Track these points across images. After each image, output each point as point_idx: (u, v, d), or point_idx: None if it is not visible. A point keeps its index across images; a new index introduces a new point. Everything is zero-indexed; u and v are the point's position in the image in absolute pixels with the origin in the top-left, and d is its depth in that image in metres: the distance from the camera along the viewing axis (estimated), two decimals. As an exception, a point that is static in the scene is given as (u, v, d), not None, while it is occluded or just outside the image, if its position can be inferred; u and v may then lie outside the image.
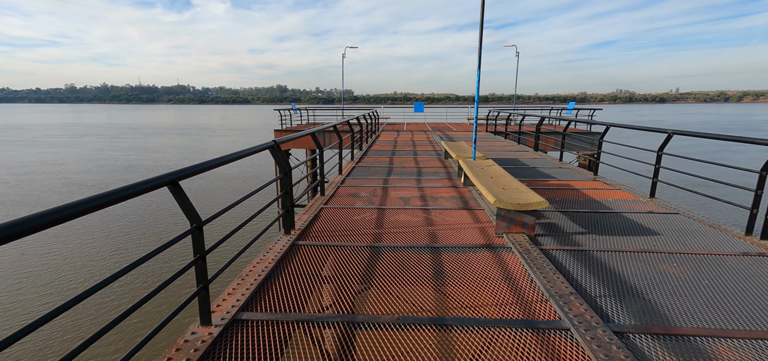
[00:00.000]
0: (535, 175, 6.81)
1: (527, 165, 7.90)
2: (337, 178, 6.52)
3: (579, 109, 18.07)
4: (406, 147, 10.83)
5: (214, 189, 19.67)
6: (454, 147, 7.66)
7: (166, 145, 40.48)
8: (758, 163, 4.36)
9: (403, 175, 6.86)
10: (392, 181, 6.35)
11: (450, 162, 8.31)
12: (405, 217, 4.39)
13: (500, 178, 4.69)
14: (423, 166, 7.71)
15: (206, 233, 12.80)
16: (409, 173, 7.00)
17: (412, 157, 8.98)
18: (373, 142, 12.20)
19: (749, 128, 59.67)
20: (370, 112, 15.01)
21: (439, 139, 13.06)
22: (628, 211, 4.60)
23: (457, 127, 18.55)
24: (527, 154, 9.39)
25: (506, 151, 10.06)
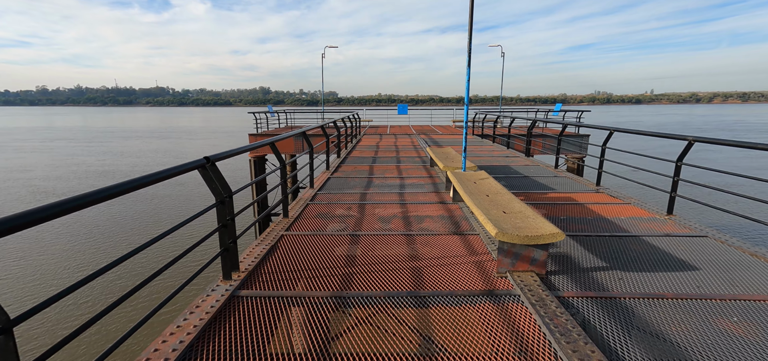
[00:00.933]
0: (531, 186, 6.08)
1: (520, 173, 7.19)
2: (308, 193, 5.64)
3: (566, 110, 17.64)
4: (389, 153, 10.02)
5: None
6: (441, 155, 6.88)
7: (144, 149, 38.60)
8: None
9: (384, 188, 6.03)
10: (371, 195, 5.52)
11: (436, 171, 7.53)
12: (384, 248, 3.56)
13: (497, 196, 3.91)
14: (407, 177, 6.91)
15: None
16: (390, 186, 6.17)
17: (394, 165, 8.17)
18: (353, 147, 11.34)
19: (723, 128, 61.27)
20: (351, 114, 14.15)
21: (424, 143, 12.30)
22: (648, 233, 3.89)
23: (442, 130, 17.86)
24: (518, 161, 8.70)
25: (496, 157, 9.36)
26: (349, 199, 5.33)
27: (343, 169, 7.63)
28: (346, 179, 6.69)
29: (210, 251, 11.59)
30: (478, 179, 4.73)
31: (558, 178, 6.77)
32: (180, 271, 10.19)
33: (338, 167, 7.86)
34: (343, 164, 8.26)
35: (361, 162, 8.57)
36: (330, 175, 7.05)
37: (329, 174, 7.11)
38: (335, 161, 8.56)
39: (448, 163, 5.88)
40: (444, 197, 5.45)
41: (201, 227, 12.25)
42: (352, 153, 10.03)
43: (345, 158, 9.09)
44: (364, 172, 7.31)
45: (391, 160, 8.90)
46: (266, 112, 17.57)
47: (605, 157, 5.97)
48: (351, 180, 6.62)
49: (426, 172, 7.32)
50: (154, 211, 16.77)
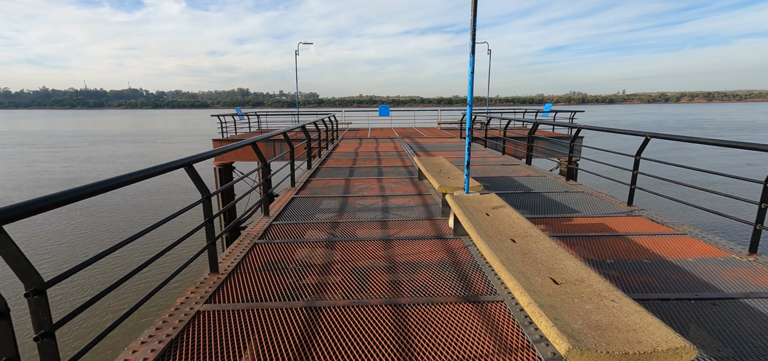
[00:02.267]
0: (547, 207, 4.84)
1: (527, 188, 5.95)
2: (259, 225, 4.21)
3: (557, 111, 16.71)
4: (369, 162, 8.65)
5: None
6: (433, 167, 5.57)
7: (115, 155, 35.87)
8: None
9: (361, 213, 4.67)
10: (344, 227, 4.15)
11: (426, 185, 6.22)
12: (359, 332, 2.20)
13: (529, 241, 2.61)
14: (390, 195, 5.56)
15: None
16: (370, 210, 4.82)
17: (375, 178, 6.81)
18: (329, 155, 9.92)
19: (696, 127, 62.66)
20: (327, 117, 12.72)
21: (409, 149, 10.99)
22: (747, 291, 2.66)
23: (427, 132, 16.63)
24: (519, 169, 7.49)
25: (492, 165, 8.13)
26: (314, 233, 3.94)
27: (312, 185, 6.23)
28: (315, 199, 5.29)
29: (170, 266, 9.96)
30: (490, 208, 3.43)
31: (574, 194, 5.57)
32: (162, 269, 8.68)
33: (307, 183, 6.44)
34: (313, 178, 6.85)
35: (335, 174, 7.17)
36: (295, 193, 5.64)
37: (294, 192, 5.69)
38: (304, 174, 7.13)
39: (444, 181, 4.56)
40: (440, 226, 4.13)
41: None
42: (326, 162, 8.62)
43: (317, 169, 7.68)
44: (338, 189, 5.93)
45: (371, 171, 7.54)
46: (234, 115, 15.91)
47: (635, 168, 4.78)
48: (320, 201, 5.23)
49: (414, 188, 6.00)
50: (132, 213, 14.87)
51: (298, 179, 6.64)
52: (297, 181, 6.52)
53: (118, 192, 19.30)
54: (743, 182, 5.25)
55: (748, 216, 5.03)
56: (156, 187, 20.66)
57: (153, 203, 17.74)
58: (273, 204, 5.02)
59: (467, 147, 3.94)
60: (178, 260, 10.33)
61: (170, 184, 21.15)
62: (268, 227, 4.12)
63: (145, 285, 9.81)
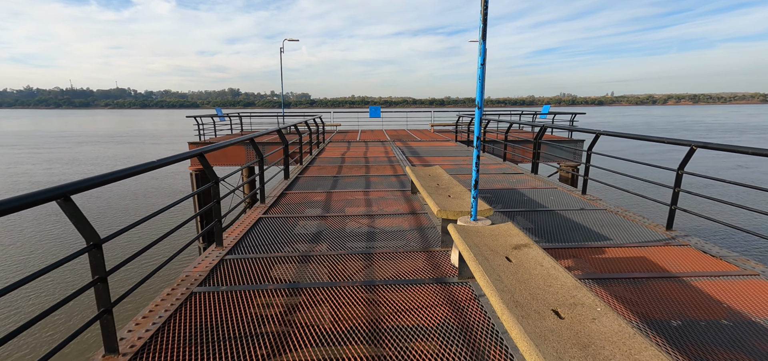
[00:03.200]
0: (571, 233, 3.97)
1: (541, 205, 5.09)
2: (203, 263, 3.27)
3: (555, 113, 15.96)
4: (356, 170, 7.73)
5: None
6: (429, 182, 4.67)
7: (100, 156, 34.29)
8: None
9: (341, 241, 3.75)
10: (316, 267, 3.22)
11: (421, 201, 5.32)
12: None
13: (597, 326, 1.72)
14: (379, 214, 4.65)
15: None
16: (352, 237, 3.90)
17: (362, 192, 5.89)
18: (312, 161, 8.98)
19: (686, 129, 62.86)
20: (313, 118, 11.77)
21: (401, 154, 10.09)
22: None
23: (420, 135, 15.76)
24: (525, 180, 6.63)
25: (493, 174, 7.27)
26: (278, 272, 3.01)
27: (287, 200, 5.28)
28: (287, 221, 4.36)
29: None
30: (509, 247, 2.53)
31: (596, 212, 4.71)
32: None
33: (282, 197, 5.50)
34: (291, 190, 5.91)
35: (317, 185, 6.24)
36: (264, 211, 4.69)
37: (263, 210, 4.74)
38: (280, 186, 6.18)
39: (444, 202, 3.65)
40: (440, 261, 3.23)
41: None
42: (308, 170, 7.68)
43: (296, 179, 6.73)
44: (317, 206, 5.00)
45: (358, 182, 6.63)
46: (214, 117, 14.85)
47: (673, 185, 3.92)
48: (293, 222, 4.29)
49: (406, 205, 5.10)
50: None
51: (271, 192, 5.69)
52: (269, 195, 5.57)
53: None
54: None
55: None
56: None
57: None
58: (232, 228, 4.08)
59: (475, 162, 3.04)
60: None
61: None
62: (216, 266, 3.17)
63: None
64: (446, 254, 3.41)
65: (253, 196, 13.27)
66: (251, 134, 4.89)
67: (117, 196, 18.64)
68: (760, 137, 48.16)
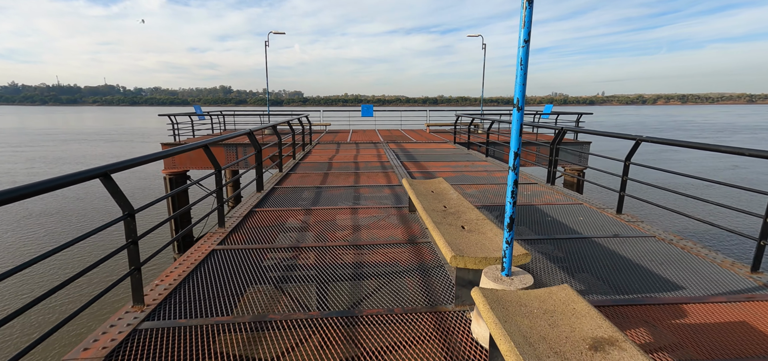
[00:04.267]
0: (625, 277, 2.97)
1: (573, 230, 4.09)
2: (115, 328, 2.19)
3: (558, 113, 15.04)
4: (343, 179, 6.68)
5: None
6: (433, 203, 3.63)
7: (87, 155, 32.63)
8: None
9: (315, 290, 2.71)
10: (274, 335, 2.17)
11: (420, 224, 4.29)
12: None
13: None
14: (368, 245, 3.61)
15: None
16: (331, 283, 2.85)
17: (348, 210, 4.83)
18: (294, 167, 7.90)
19: (679, 128, 62.65)
20: (299, 117, 10.68)
21: (396, 158, 9.06)
22: None
23: (416, 136, 14.74)
24: (542, 192, 5.64)
25: (502, 184, 6.27)
26: (218, 347, 1.96)
27: (254, 222, 4.21)
28: (248, 253, 3.30)
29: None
30: (583, 341, 1.51)
31: (644, 241, 3.73)
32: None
33: (248, 217, 4.42)
34: (261, 207, 4.84)
35: (295, 201, 5.18)
36: (221, 239, 3.62)
37: (221, 237, 3.67)
38: (248, 203, 5.10)
39: (460, 242, 2.61)
40: (454, 329, 2.21)
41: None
42: (287, 179, 6.61)
43: (271, 191, 5.66)
44: (291, 231, 3.94)
45: (345, 196, 5.58)
46: (191, 115, 13.66)
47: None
48: (258, 256, 3.24)
49: (403, 229, 4.07)
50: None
51: (238, 210, 4.62)
52: (234, 214, 4.49)
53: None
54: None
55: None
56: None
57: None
58: (166, 273, 3.00)
59: (511, 191, 2.01)
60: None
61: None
62: (130, 336, 2.10)
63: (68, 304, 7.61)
64: (461, 315, 2.39)
65: (227, 205, 12.06)
66: (205, 139, 3.81)
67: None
68: (753, 136, 48.03)
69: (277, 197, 5.34)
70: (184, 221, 11.98)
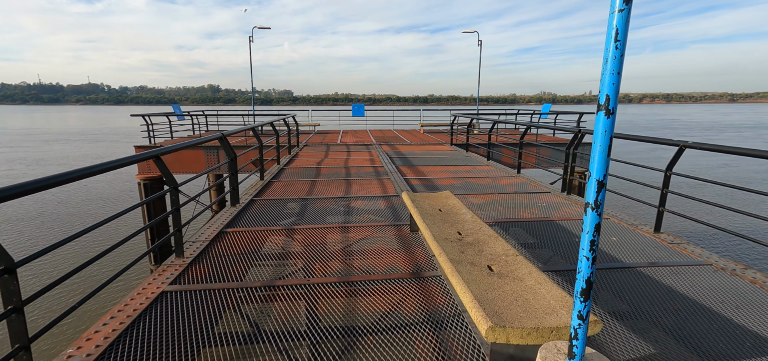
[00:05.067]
0: (708, 337, 2.29)
1: (614, 256, 3.41)
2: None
3: (557, 112, 14.48)
4: (333, 189, 5.93)
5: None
6: (448, 233, 2.90)
7: (70, 155, 31.09)
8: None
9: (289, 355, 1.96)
10: None
11: (429, 255, 3.56)
12: None
13: None
14: (362, 282, 2.87)
15: None
16: (312, 345, 2.10)
17: (338, 229, 4.08)
18: (277, 175, 7.11)
19: (667, 127, 63.17)
20: (284, 118, 9.87)
21: (390, 163, 8.32)
22: None
23: (410, 137, 14.03)
24: (560, 205, 4.97)
25: (510, 194, 5.58)
26: None
27: (220, 250, 3.43)
28: (209, 296, 2.53)
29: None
30: None
31: (702, 272, 3.06)
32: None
33: (214, 242, 3.64)
34: (233, 227, 4.06)
35: (275, 217, 4.40)
36: (175, 277, 2.84)
37: (177, 271, 2.89)
38: (219, 220, 4.30)
39: (492, 295, 1.87)
40: None
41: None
42: (268, 189, 5.82)
43: (248, 205, 4.87)
44: (267, 263, 3.18)
45: (333, 210, 4.83)
46: (169, 115, 12.72)
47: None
48: (220, 298, 2.47)
49: (404, 255, 3.34)
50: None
51: (204, 232, 3.83)
52: (200, 237, 3.70)
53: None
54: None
55: None
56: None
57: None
58: (102, 325, 2.21)
59: (587, 250, 1.29)
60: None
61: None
62: None
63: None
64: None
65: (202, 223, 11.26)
66: (156, 149, 3.02)
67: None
68: (738, 135, 48.51)
69: (254, 212, 4.55)
70: (162, 231, 11.08)
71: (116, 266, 9.81)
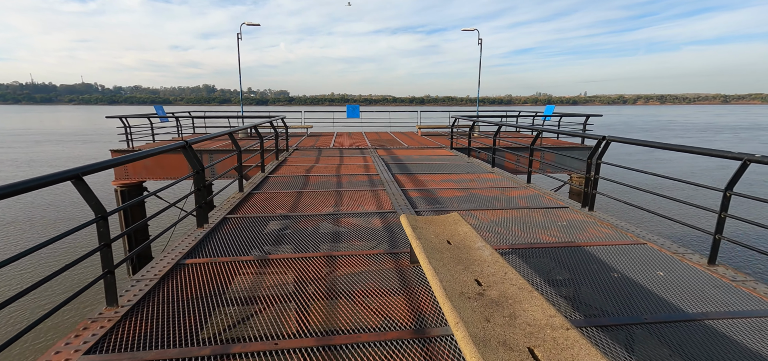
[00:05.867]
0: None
1: (676, 306, 2.71)
2: None
3: (561, 115, 13.84)
4: (321, 205, 5.20)
5: None
6: (461, 282, 2.19)
7: (61, 156, 30.03)
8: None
9: None
10: None
11: (433, 302, 2.85)
12: None
13: None
14: (350, 331, 2.15)
15: None
16: None
17: (323, 260, 3.35)
18: (259, 185, 6.38)
19: (663, 128, 62.93)
20: (271, 121, 9.14)
21: (387, 171, 7.61)
22: None
23: (407, 141, 13.33)
24: (584, 224, 4.28)
25: (522, 208, 4.89)
26: None
27: (175, 289, 2.70)
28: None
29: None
30: None
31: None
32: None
33: (168, 277, 2.90)
34: (195, 257, 3.32)
35: (249, 241, 3.68)
36: (96, 341, 2.11)
37: (106, 329, 2.16)
38: (183, 245, 3.56)
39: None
40: None
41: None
42: (247, 202, 5.09)
43: (219, 224, 4.14)
44: (236, 303, 2.46)
45: (321, 231, 4.10)
46: (150, 117, 11.93)
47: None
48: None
49: (403, 298, 2.62)
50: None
51: (158, 265, 3.09)
52: (148, 275, 2.96)
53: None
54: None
55: None
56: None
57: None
58: None
59: None
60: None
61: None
62: None
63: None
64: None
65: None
66: (78, 168, 2.29)
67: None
68: (734, 136, 48.26)
69: (224, 236, 3.82)
70: (140, 238, 10.29)
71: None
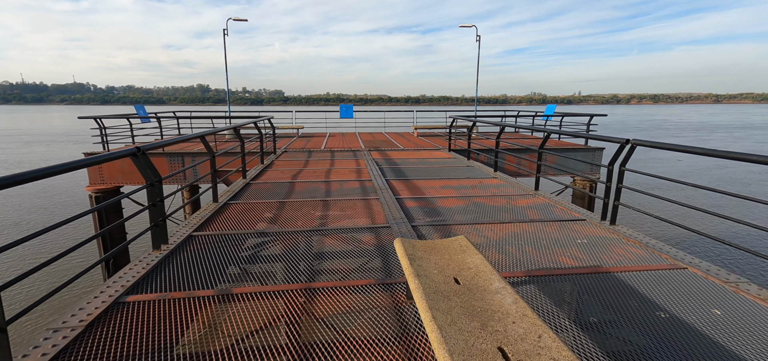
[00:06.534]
0: None
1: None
2: None
3: (564, 114, 13.30)
4: (307, 217, 4.58)
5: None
6: (473, 336, 1.58)
7: (52, 158, 29.12)
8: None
9: None
10: None
11: (426, 333, 2.24)
12: None
13: None
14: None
15: None
16: None
17: (298, 298, 2.74)
18: (238, 194, 5.74)
19: (658, 127, 62.87)
20: (255, 121, 8.49)
21: (381, 177, 6.99)
22: None
23: (403, 142, 12.72)
24: (607, 240, 3.70)
25: (532, 220, 4.30)
26: None
27: (111, 338, 2.08)
28: None
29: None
30: None
31: None
32: None
33: (106, 317, 2.27)
34: (145, 288, 2.70)
35: (216, 267, 3.05)
36: None
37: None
38: (127, 274, 2.92)
39: None
40: None
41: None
42: (222, 215, 4.45)
43: (181, 245, 3.50)
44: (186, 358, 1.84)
45: (304, 251, 3.49)
46: (129, 117, 11.23)
47: None
48: None
49: (399, 346, 2.02)
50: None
51: (92, 305, 2.46)
52: (73, 322, 2.33)
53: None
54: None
55: None
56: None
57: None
58: None
59: None
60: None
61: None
62: None
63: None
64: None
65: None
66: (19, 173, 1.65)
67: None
68: (729, 135, 48.16)
69: (184, 260, 3.19)
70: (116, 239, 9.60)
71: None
